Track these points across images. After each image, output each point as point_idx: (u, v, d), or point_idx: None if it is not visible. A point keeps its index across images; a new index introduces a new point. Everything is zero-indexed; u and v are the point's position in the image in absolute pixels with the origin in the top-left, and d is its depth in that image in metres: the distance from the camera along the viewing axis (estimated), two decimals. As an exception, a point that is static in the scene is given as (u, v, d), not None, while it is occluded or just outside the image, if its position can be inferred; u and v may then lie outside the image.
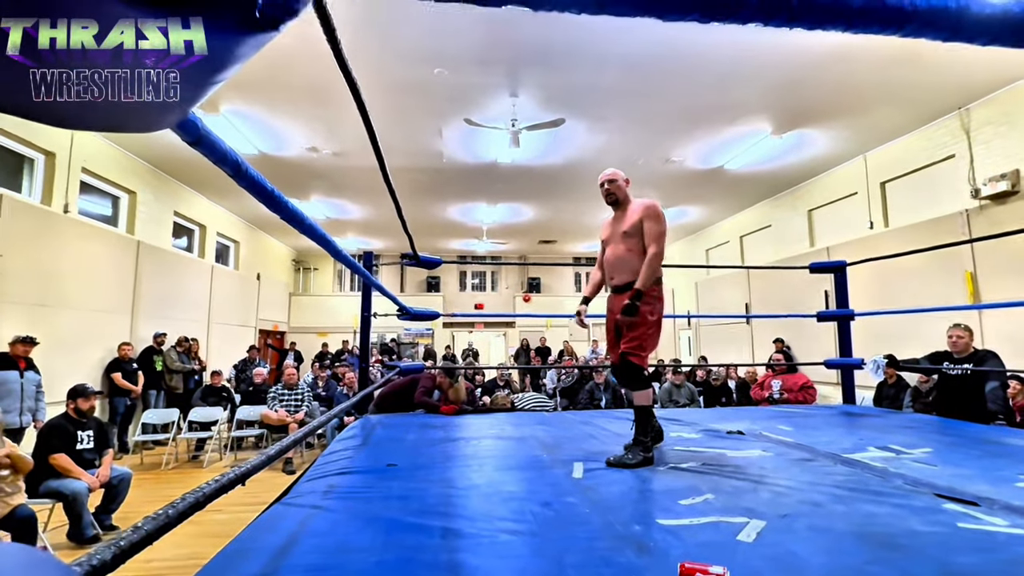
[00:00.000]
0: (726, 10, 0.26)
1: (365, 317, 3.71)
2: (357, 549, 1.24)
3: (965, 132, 6.00)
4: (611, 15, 0.31)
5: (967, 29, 0.29)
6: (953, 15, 0.27)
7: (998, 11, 0.28)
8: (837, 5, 0.26)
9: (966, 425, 3.15)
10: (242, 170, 0.56)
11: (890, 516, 1.47)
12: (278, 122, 6.28)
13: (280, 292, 13.55)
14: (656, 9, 0.28)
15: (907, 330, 6.16)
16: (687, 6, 0.27)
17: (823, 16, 0.26)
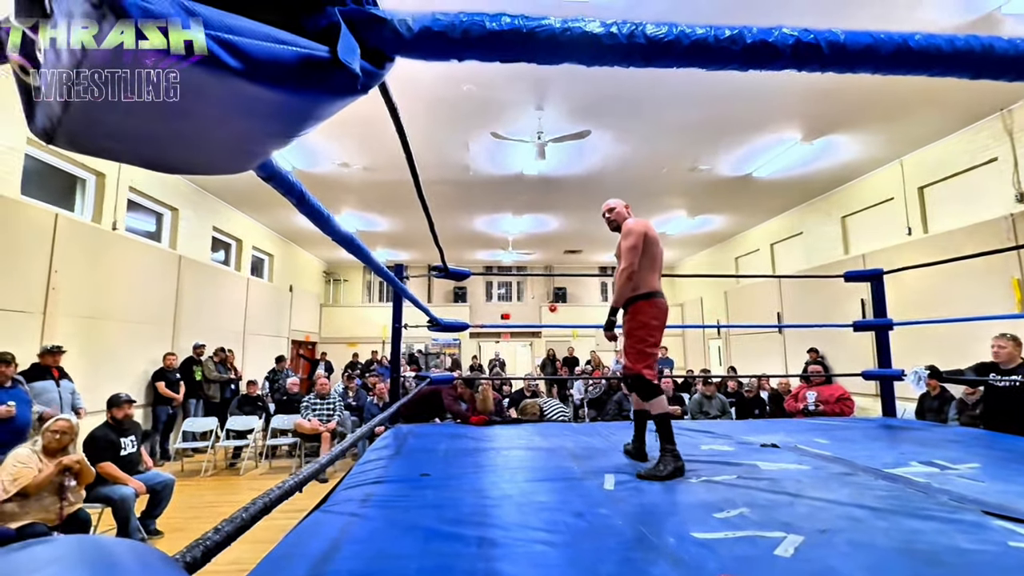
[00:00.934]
0: (763, 60, 0.29)
1: (396, 328, 3.79)
2: (397, 556, 1.28)
3: (1008, 134, 5.79)
4: (657, 67, 0.34)
5: (992, 67, 0.30)
6: (978, 55, 0.29)
7: (1022, 49, 0.30)
8: (867, 52, 0.28)
9: (1016, 439, 3.01)
10: (305, 199, 0.61)
11: (935, 533, 1.43)
12: (311, 138, 6.48)
13: (312, 303, 13.89)
14: (700, 61, 0.30)
15: (950, 340, 5.93)
16: (728, 58, 0.29)
17: (854, 61, 0.29)
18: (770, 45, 0.29)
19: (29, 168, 5.32)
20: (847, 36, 0.29)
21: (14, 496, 3.00)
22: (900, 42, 0.29)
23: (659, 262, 2.53)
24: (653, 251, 2.49)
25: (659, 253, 2.53)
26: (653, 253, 2.49)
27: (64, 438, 3.28)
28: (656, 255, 2.51)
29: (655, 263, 2.50)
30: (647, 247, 2.47)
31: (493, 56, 0.42)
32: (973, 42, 0.30)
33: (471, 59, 0.43)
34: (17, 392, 3.98)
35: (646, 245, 2.46)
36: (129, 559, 0.34)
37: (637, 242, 2.44)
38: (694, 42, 0.31)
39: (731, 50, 0.30)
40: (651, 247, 2.48)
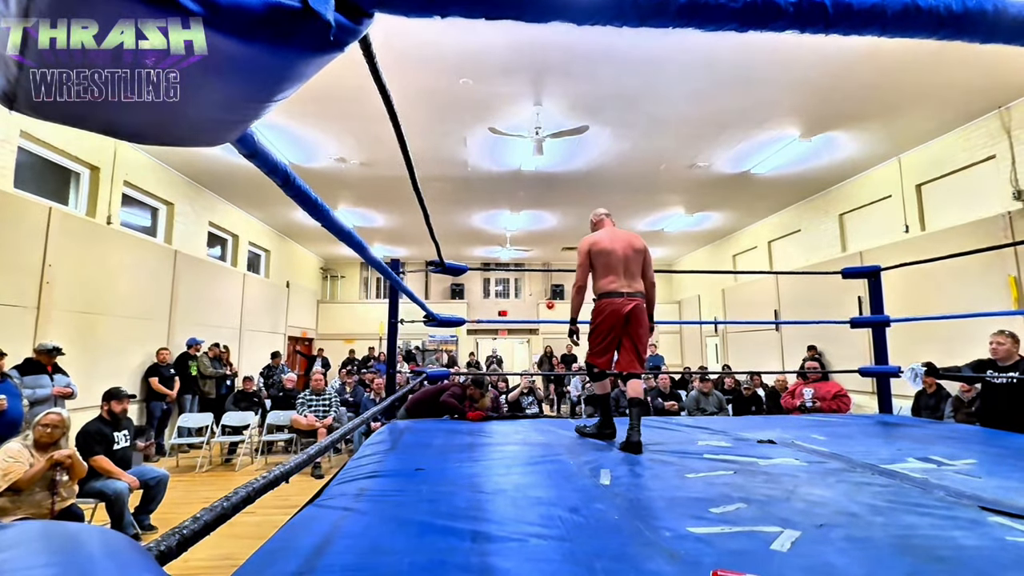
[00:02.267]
0: (763, 19, 0.27)
1: (392, 323, 3.77)
2: (390, 551, 1.26)
3: (1006, 132, 5.79)
4: (652, 27, 0.32)
5: (1005, 31, 0.29)
6: (991, 17, 0.28)
7: None
8: (873, 11, 0.27)
9: (1012, 436, 3.02)
10: (291, 180, 0.58)
11: (932, 528, 1.43)
12: (308, 133, 6.45)
13: (308, 299, 13.85)
14: (696, 20, 0.29)
15: (947, 337, 5.94)
16: (726, 16, 0.28)
17: (859, 22, 0.27)
18: (771, 2, 0.27)
19: (22, 161, 5.28)
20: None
21: (5, 491, 2.98)
22: (908, 1, 0.27)
23: (613, 264, 2.90)
24: (601, 260, 2.91)
25: (611, 256, 2.90)
26: (603, 261, 2.91)
27: (55, 432, 3.25)
28: (607, 262, 2.91)
29: (607, 268, 2.91)
30: (593, 259, 2.92)
31: (477, 12, 0.40)
32: (986, 3, 0.28)
33: (455, 15, 0.41)
34: (7, 386, 3.95)
35: (592, 257, 2.92)
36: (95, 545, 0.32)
37: (581, 261, 2.95)
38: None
39: (730, 7, 0.28)
40: (598, 257, 2.92)
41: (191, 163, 7.53)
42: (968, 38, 0.30)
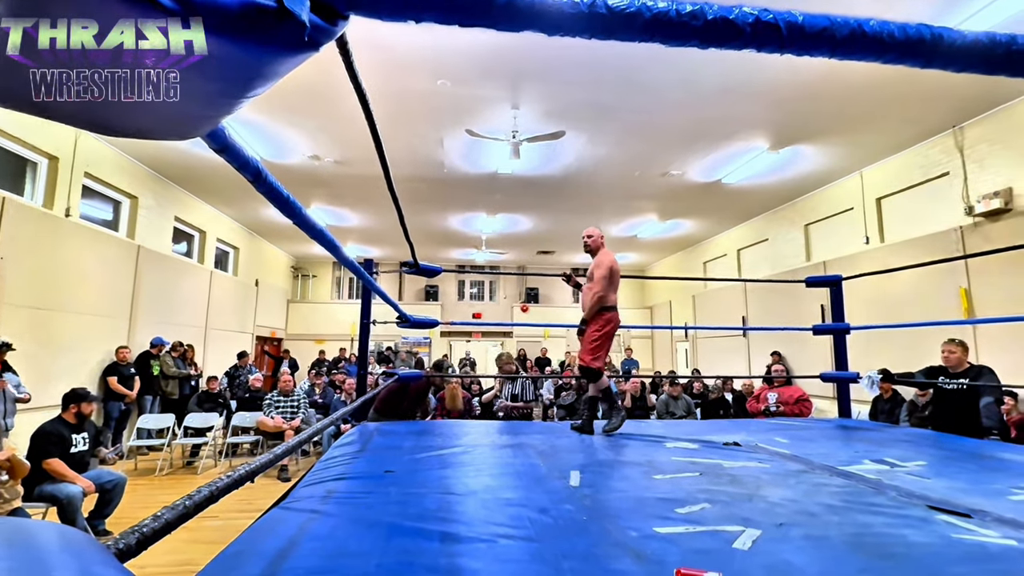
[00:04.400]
0: (723, 38, 0.29)
1: (364, 324, 3.73)
2: (357, 553, 1.25)
3: (959, 150, 6.09)
4: (620, 40, 0.34)
5: (942, 57, 0.31)
6: (928, 45, 0.30)
7: (969, 40, 0.31)
8: (823, 34, 0.29)
9: (961, 439, 3.17)
10: (262, 176, 0.58)
11: (884, 527, 1.49)
12: (281, 130, 6.33)
13: (278, 299, 13.56)
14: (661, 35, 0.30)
15: (904, 345, 6.19)
16: (688, 34, 0.29)
17: (811, 44, 0.29)
18: (731, 23, 0.29)
19: (-26, 149, 5.03)
20: (805, 18, 0.29)
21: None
22: (855, 26, 0.29)
23: (618, 284, 3.32)
24: (616, 279, 3.29)
25: (619, 278, 3.33)
26: (617, 280, 3.30)
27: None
28: (618, 281, 3.32)
29: (616, 286, 3.30)
30: (612, 276, 3.24)
31: (452, 19, 0.40)
32: (924, 31, 0.30)
33: (429, 20, 0.42)
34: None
35: (612, 274, 3.24)
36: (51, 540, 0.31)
37: (607, 274, 3.22)
38: (656, 15, 0.31)
39: (692, 25, 0.30)
40: (615, 276, 3.27)
41: (157, 156, 7.29)
42: (910, 63, 0.32)
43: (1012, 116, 5.54)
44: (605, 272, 3.22)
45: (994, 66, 0.32)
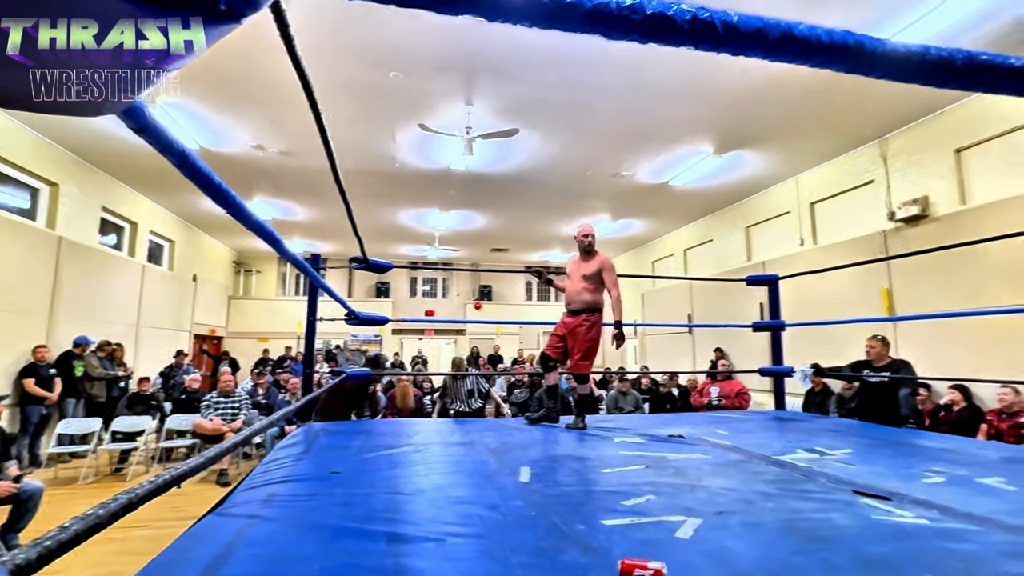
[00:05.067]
0: (662, 33, 0.29)
1: (311, 321, 3.61)
2: (298, 557, 1.20)
3: (883, 160, 6.55)
4: (560, 30, 0.34)
5: (864, 63, 0.33)
6: (852, 50, 0.32)
7: (888, 49, 0.33)
8: (757, 35, 0.30)
9: (882, 428, 3.42)
10: (188, 160, 0.54)
11: (814, 511, 1.58)
12: (222, 117, 6.02)
13: (218, 295, 12.92)
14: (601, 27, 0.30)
15: (834, 340, 6.61)
16: (628, 28, 0.30)
17: (745, 44, 0.30)
18: (669, 19, 0.29)
19: None
20: (740, 18, 0.30)
21: None
22: (786, 29, 0.30)
23: None
24: None
25: None
26: None
27: None
28: None
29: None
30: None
31: (381, -8, 0.39)
32: (848, 37, 0.32)
33: None
34: None
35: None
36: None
37: (616, 277, 3.36)
38: (596, 6, 0.31)
39: (631, 19, 0.30)
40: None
41: (81, 139, 6.75)
42: (835, 67, 0.34)
43: (928, 130, 6.02)
44: (615, 275, 3.35)
45: (907, 75, 0.34)
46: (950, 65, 0.34)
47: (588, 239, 3.43)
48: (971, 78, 0.34)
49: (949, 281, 5.59)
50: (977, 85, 0.36)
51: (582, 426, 3.26)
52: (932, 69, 0.34)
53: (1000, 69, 0.36)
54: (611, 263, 3.38)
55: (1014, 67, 0.36)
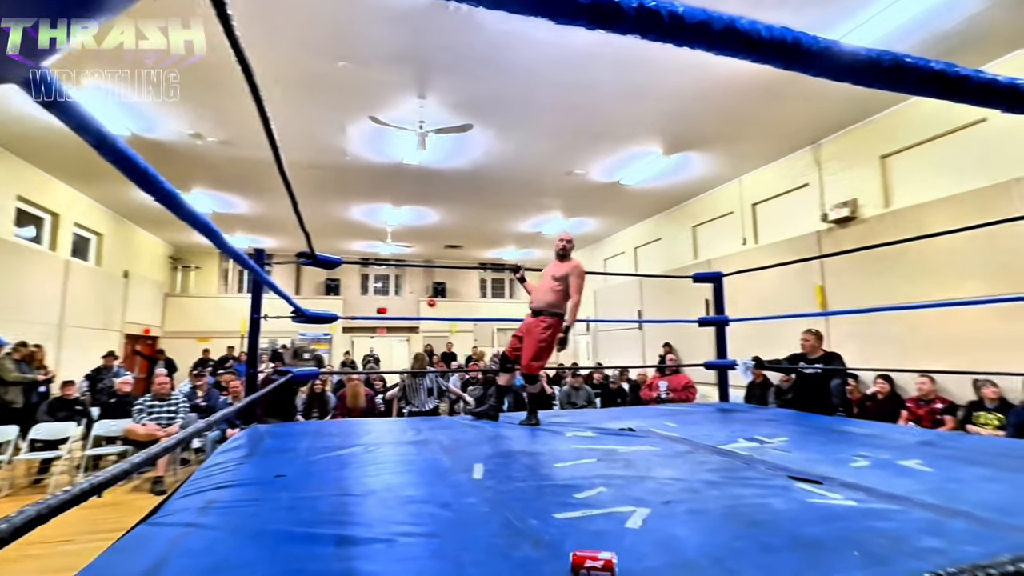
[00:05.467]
0: (608, 19, 0.29)
1: (255, 319, 3.45)
2: (239, 566, 1.15)
3: (817, 164, 6.95)
4: (506, 11, 0.33)
5: (801, 61, 0.34)
6: (791, 46, 0.33)
7: (822, 46, 0.34)
8: (701, 26, 0.30)
9: (815, 417, 3.63)
10: (108, 141, 0.49)
11: (754, 497, 1.65)
12: (156, 102, 5.64)
13: (153, 292, 12.19)
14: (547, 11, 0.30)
15: (774, 335, 6.96)
16: (575, 11, 0.29)
17: (690, 35, 0.30)
18: (615, 5, 0.29)
19: None
20: (685, 9, 0.30)
21: None
22: (728, 22, 0.31)
23: None
24: None
25: None
26: None
27: None
28: None
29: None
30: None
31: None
32: (787, 34, 0.33)
33: None
34: None
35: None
36: None
37: (584, 284, 3.39)
38: (541, -13, 0.31)
39: (578, 3, 0.30)
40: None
41: (-7, 123, 6.18)
42: (775, 63, 0.35)
43: (857, 137, 6.43)
44: (582, 282, 3.37)
45: (840, 73, 0.36)
46: (877, 66, 0.36)
47: (563, 243, 3.49)
48: (896, 79, 0.36)
49: (875, 279, 6.00)
50: (902, 86, 0.39)
51: (535, 422, 3.27)
52: (862, 69, 0.36)
53: (922, 72, 0.38)
54: (582, 269, 3.41)
55: (934, 70, 0.39)
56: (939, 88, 0.40)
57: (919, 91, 0.40)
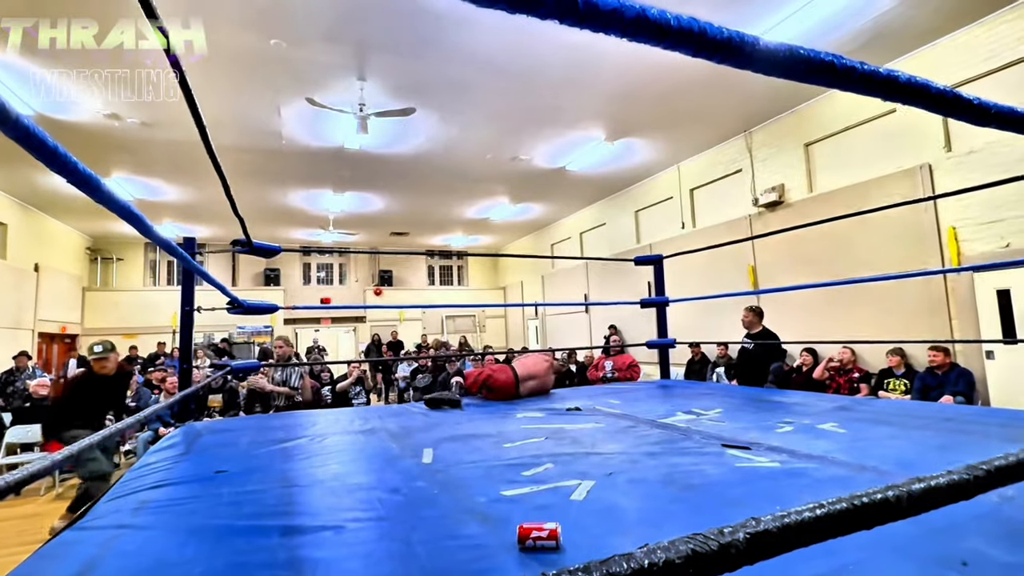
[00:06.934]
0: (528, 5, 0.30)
1: (187, 311, 3.27)
2: (177, 563, 1.11)
3: (749, 151, 7.31)
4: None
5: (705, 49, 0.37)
6: (696, 36, 0.36)
7: (724, 36, 0.38)
8: (614, 14, 0.32)
9: (746, 389, 3.87)
10: (8, 115, 0.45)
11: (689, 465, 1.76)
12: (63, 79, 5.17)
13: (69, 287, 11.26)
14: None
15: (715, 314, 7.32)
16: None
17: (604, 22, 0.32)
18: (533, -10, 0.31)
19: None
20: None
21: None
22: (640, 11, 0.33)
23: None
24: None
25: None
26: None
27: None
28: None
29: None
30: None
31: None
32: (693, 23, 0.36)
33: None
34: None
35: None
36: None
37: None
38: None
39: (498, -14, 0.31)
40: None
41: None
42: (683, 51, 0.38)
43: (784, 126, 6.82)
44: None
45: (742, 62, 0.39)
46: (774, 56, 0.39)
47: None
48: (790, 68, 0.40)
49: (801, 259, 6.43)
50: (795, 75, 0.43)
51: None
52: (762, 59, 0.40)
53: (813, 62, 0.42)
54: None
55: (824, 61, 0.43)
56: (830, 78, 0.45)
57: (811, 79, 0.44)
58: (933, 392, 4.71)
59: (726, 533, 0.37)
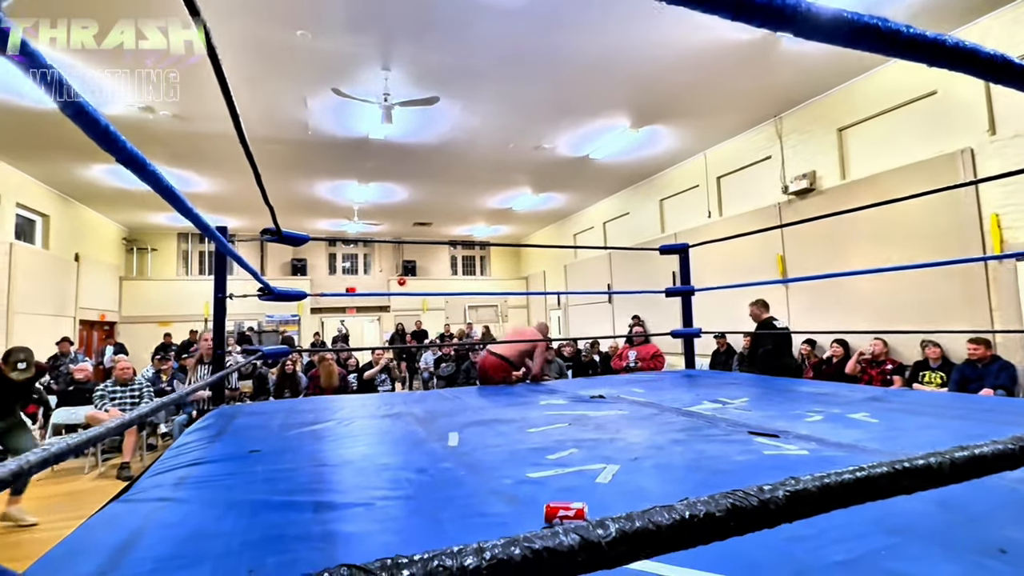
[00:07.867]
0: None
1: (219, 298, 3.37)
2: (217, 534, 1.16)
3: (779, 137, 7.11)
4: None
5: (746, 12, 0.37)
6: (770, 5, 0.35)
7: (796, 4, 0.37)
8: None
9: (773, 379, 3.81)
10: (63, 86, 0.47)
11: (716, 451, 1.75)
12: (97, 73, 5.32)
13: (108, 276, 11.70)
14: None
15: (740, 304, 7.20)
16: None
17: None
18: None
19: None
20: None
21: None
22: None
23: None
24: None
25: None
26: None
27: None
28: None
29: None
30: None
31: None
32: None
33: None
34: None
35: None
36: None
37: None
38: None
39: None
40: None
41: (-82, 95, 5.72)
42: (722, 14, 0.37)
43: (815, 111, 6.60)
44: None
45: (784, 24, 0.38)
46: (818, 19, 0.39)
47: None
48: (856, 37, 0.40)
49: (832, 247, 6.25)
50: (861, 44, 0.42)
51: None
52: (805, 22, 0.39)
53: (881, 31, 0.41)
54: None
55: (892, 29, 0.42)
56: (875, 42, 0.43)
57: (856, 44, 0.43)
58: (972, 385, 4.55)
59: (766, 490, 0.37)
